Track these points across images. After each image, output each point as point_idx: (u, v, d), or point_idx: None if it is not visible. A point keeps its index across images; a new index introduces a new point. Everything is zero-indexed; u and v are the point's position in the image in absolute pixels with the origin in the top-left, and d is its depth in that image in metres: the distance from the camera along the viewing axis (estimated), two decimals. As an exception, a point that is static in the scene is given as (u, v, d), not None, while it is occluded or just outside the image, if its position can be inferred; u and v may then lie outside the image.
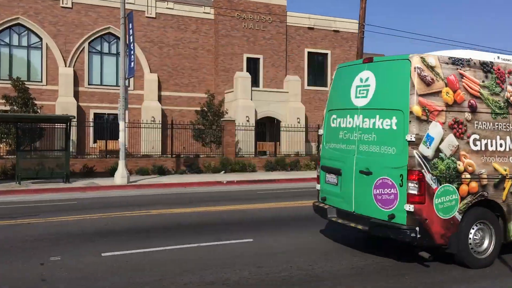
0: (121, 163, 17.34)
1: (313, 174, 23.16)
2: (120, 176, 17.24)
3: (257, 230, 9.31)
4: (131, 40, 17.54)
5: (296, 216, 11.01)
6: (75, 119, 22.39)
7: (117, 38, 29.77)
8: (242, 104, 28.99)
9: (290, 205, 12.82)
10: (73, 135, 26.47)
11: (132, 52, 17.39)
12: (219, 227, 9.71)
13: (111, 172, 19.48)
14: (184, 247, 7.99)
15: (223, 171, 23.04)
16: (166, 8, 30.88)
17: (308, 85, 34.55)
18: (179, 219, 10.59)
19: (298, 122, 30.28)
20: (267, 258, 7.30)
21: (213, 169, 22.94)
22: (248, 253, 7.62)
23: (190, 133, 27.01)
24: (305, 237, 8.81)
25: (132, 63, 17.31)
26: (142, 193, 15.73)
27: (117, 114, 30.09)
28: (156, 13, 30.58)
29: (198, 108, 27.69)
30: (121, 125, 17.36)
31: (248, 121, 28.69)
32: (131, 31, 17.46)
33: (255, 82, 32.60)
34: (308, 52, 34.60)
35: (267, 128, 30.99)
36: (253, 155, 26.83)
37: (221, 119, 25.28)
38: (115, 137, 29.83)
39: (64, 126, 17.84)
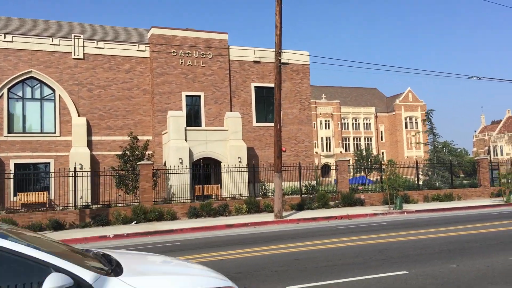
0: (-23, 221, 14.76)
1: (237, 219, 20.34)
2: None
3: None
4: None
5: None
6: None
7: (41, 82, 27.86)
8: (174, 145, 26.57)
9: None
10: (-14, 189, 24.19)
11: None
12: None
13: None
14: None
15: (135, 221, 20.34)
16: (96, 48, 29.05)
17: (257, 121, 32.18)
18: None
19: (240, 162, 27.69)
20: None
21: (122, 220, 20.25)
22: None
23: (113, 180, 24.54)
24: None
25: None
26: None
27: (44, 162, 28.05)
28: (84, 53, 28.72)
29: (120, 152, 25.24)
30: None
31: (181, 163, 26.19)
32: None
33: (197, 121, 30.34)
34: (255, 87, 32.44)
35: (211, 170, 28.44)
36: (189, 200, 24.14)
37: (137, 163, 22.76)
38: (41, 188, 27.51)
39: None
